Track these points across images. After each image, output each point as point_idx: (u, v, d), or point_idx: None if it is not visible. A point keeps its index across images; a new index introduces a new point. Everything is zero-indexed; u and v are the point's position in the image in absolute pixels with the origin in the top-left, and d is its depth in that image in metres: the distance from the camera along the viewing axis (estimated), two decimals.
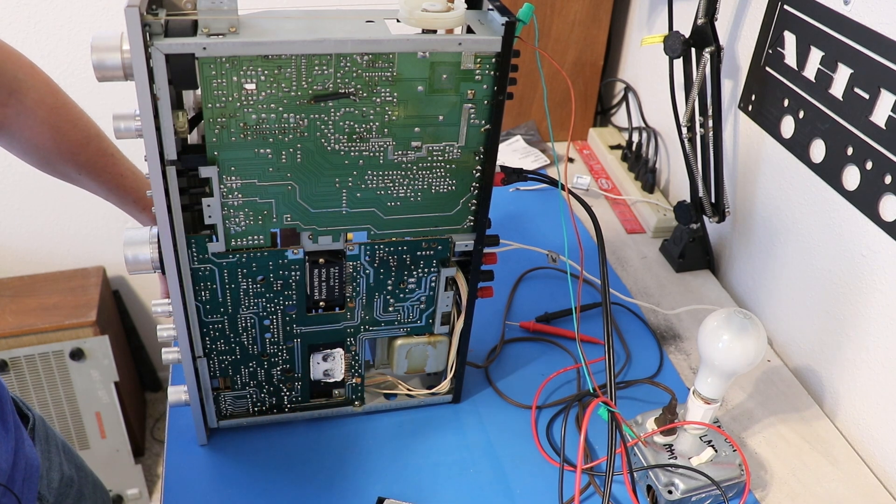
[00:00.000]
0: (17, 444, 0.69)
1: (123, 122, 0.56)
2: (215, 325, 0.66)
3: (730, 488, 0.69)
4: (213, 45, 0.51)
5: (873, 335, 0.78)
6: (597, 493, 0.72)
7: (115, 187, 0.77)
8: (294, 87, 0.55)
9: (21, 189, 1.48)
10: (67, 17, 1.32)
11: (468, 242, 0.67)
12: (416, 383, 0.80)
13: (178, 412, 0.76)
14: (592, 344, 0.90)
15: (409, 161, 0.61)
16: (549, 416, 0.80)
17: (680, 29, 0.90)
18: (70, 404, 1.55)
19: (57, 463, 0.80)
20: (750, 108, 0.95)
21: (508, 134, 1.32)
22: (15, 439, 0.69)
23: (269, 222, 0.61)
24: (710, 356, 0.65)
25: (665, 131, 1.20)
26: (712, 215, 0.98)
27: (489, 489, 0.72)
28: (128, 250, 0.60)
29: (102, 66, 0.51)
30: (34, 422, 0.78)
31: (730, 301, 1.01)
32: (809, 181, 0.86)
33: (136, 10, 0.48)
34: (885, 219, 0.75)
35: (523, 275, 1.01)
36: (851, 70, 0.77)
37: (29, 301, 1.51)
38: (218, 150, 0.56)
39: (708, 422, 0.70)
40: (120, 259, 1.55)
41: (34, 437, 0.77)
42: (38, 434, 0.78)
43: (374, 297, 0.69)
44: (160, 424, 1.79)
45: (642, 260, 1.08)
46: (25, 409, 0.78)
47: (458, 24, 0.58)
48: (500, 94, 0.59)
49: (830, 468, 0.77)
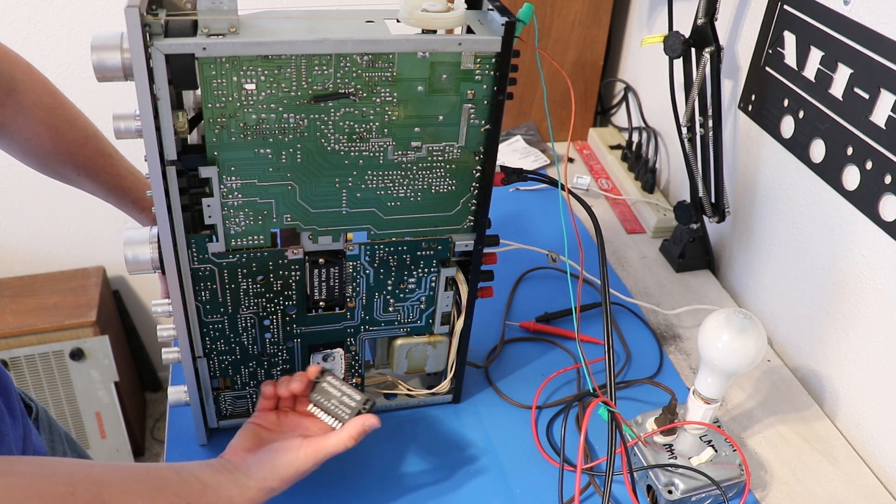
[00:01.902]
0: (25, 432, 0.70)
1: (123, 122, 0.56)
2: (215, 325, 0.66)
3: (730, 488, 0.69)
4: (213, 46, 0.51)
5: (873, 335, 0.78)
6: (597, 493, 0.72)
7: (113, 188, 0.77)
8: (294, 88, 0.55)
9: (21, 189, 1.48)
10: (67, 17, 1.32)
11: (468, 242, 0.67)
12: (416, 383, 0.80)
13: (178, 412, 0.76)
14: (592, 344, 0.90)
15: (409, 161, 0.61)
16: (549, 416, 0.80)
17: (680, 29, 0.90)
18: (70, 404, 1.55)
19: (61, 452, 0.80)
20: (750, 108, 0.95)
21: (508, 134, 1.32)
22: (23, 427, 0.69)
23: (269, 222, 0.61)
24: (710, 356, 0.65)
25: (665, 131, 1.20)
26: (712, 215, 0.98)
27: (489, 489, 0.72)
28: (128, 250, 0.60)
29: (102, 66, 0.51)
30: (38, 412, 0.79)
31: (730, 301, 1.01)
32: (809, 181, 0.86)
33: (136, 10, 0.48)
34: (885, 219, 0.75)
35: (523, 275, 1.01)
36: (851, 70, 0.77)
37: (29, 301, 1.51)
38: (218, 150, 0.56)
39: (708, 422, 0.70)
40: (120, 259, 1.55)
41: (38, 428, 0.78)
42: (42, 424, 0.79)
43: (374, 297, 0.69)
44: (160, 424, 1.79)
45: (642, 260, 1.08)
46: (29, 401, 0.78)
47: (458, 24, 0.58)
48: (500, 94, 0.59)
49: (830, 468, 0.77)
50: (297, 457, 0.58)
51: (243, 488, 0.57)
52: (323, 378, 0.62)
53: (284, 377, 0.63)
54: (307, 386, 0.62)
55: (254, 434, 0.62)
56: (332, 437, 0.60)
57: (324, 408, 0.62)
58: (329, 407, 0.62)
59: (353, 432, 0.59)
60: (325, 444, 0.59)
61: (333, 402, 0.62)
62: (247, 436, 0.62)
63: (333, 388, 0.62)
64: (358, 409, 0.62)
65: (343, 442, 0.59)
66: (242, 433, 0.62)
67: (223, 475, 0.57)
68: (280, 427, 0.64)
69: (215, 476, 0.56)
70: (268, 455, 0.58)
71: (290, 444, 0.59)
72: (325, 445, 0.59)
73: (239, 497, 0.56)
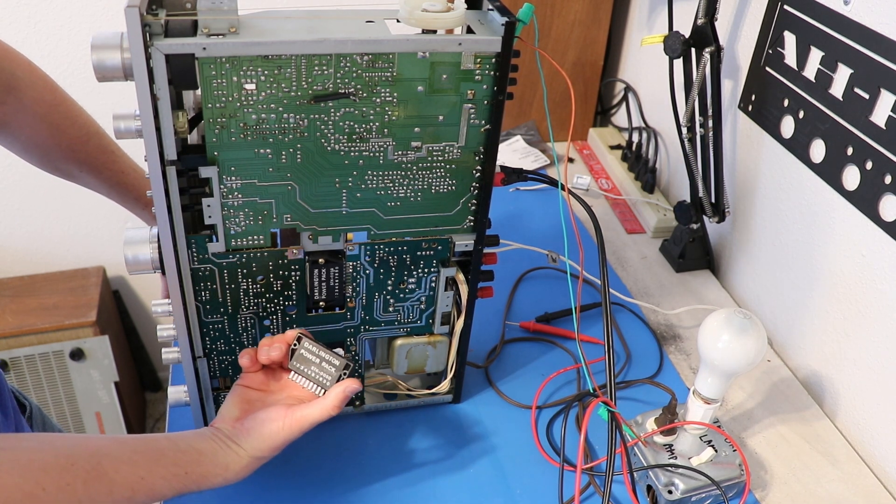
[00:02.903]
0: (17, 429, 0.70)
1: (123, 122, 0.56)
2: (215, 325, 0.66)
3: (730, 488, 0.69)
4: (213, 46, 0.51)
5: (873, 335, 0.78)
6: (597, 493, 0.72)
7: (116, 184, 0.77)
8: (294, 88, 0.55)
9: (21, 189, 1.48)
10: (67, 17, 1.32)
11: (468, 242, 0.67)
12: (416, 383, 0.80)
13: (178, 412, 0.76)
14: (592, 344, 0.90)
15: (409, 161, 0.61)
16: (549, 416, 0.80)
17: (680, 29, 0.90)
18: (70, 404, 1.55)
19: None
20: (750, 108, 0.95)
21: (508, 134, 1.32)
22: (15, 425, 0.69)
23: (269, 222, 0.61)
24: (710, 356, 0.65)
25: (665, 131, 1.20)
26: (712, 215, 0.98)
27: (489, 489, 0.72)
28: (128, 250, 0.60)
29: (102, 66, 0.51)
30: (31, 410, 0.79)
31: (730, 301, 1.01)
32: (809, 181, 0.86)
33: (136, 10, 0.48)
34: (885, 219, 0.75)
35: (523, 275, 1.01)
36: (851, 70, 0.77)
37: (29, 301, 1.51)
38: (218, 150, 0.56)
39: (708, 422, 0.70)
40: (120, 259, 1.55)
41: (32, 425, 0.78)
42: (36, 421, 0.80)
43: (374, 297, 0.69)
44: (160, 424, 1.79)
45: (642, 260, 1.08)
46: (22, 399, 0.78)
47: (458, 24, 0.58)
48: (500, 94, 0.59)
49: (830, 468, 0.77)
50: (282, 427, 0.59)
51: (237, 457, 0.58)
52: (300, 345, 0.62)
53: (264, 341, 0.62)
54: (286, 353, 0.62)
55: (242, 398, 0.62)
56: (315, 406, 0.60)
57: (305, 375, 0.62)
58: (310, 374, 0.62)
59: (336, 401, 0.60)
60: (309, 414, 0.59)
61: (313, 368, 0.62)
62: (236, 401, 0.61)
63: (311, 355, 0.62)
64: (339, 375, 0.62)
65: (327, 411, 0.59)
66: (231, 399, 0.62)
67: (217, 444, 0.57)
68: (268, 386, 0.63)
69: (210, 445, 0.57)
70: (254, 425, 0.59)
71: (276, 414, 0.59)
72: (308, 415, 0.59)
73: (234, 465, 0.57)
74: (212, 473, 0.56)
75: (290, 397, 0.62)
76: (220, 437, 0.58)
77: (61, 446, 0.49)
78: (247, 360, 0.62)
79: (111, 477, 0.50)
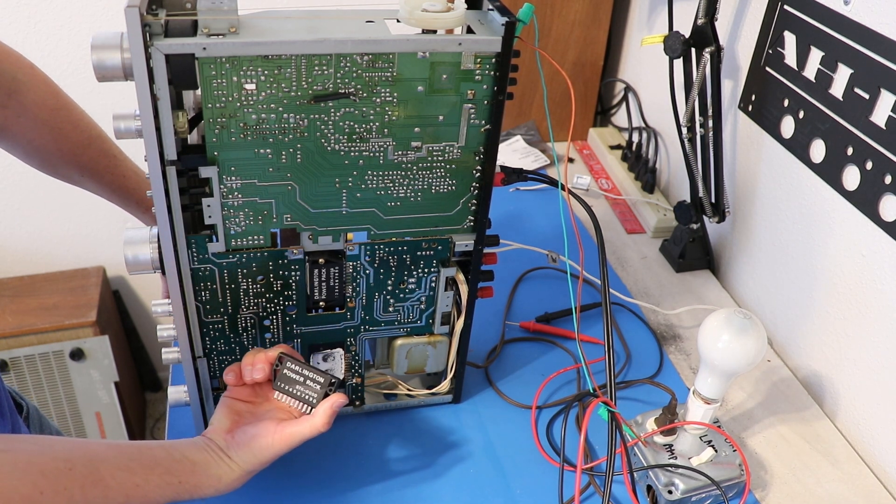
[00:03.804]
0: (14, 429, 0.70)
1: (123, 122, 0.56)
2: (215, 325, 0.66)
3: (730, 488, 0.69)
4: (213, 46, 0.51)
5: (873, 335, 0.78)
6: (597, 493, 0.72)
7: (117, 188, 0.77)
8: (294, 88, 0.55)
9: (21, 189, 1.48)
10: (67, 17, 1.32)
11: (468, 242, 0.67)
12: (416, 383, 0.80)
13: (178, 412, 0.76)
14: (592, 344, 0.90)
15: (409, 161, 0.61)
16: (549, 416, 0.80)
17: (680, 29, 0.90)
18: (70, 404, 1.55)
19: None
20: (750, 108, 0.95)
21: (508, 134, 1.32)
22: (11, 425, 0.69)
23: (269, 222, 0.61)
24: (710, 356, 0.65)
25: (665, 131, 1.20)
26: (712, 215, 0.98)
27: (489, 489, 0.72)
28: (128, 250, 0.60)
29: (102, 66, 0.51)
30: (28, 410, 0.79)
31: (730, 301, 1.01)
32: (809, 181, 0.86)
33: (136, 10, 0.48)
34: (885, 219, 0.75)
35: (523, 275, 1.01)
36: (851, 70, 0.77)
37: (29, 301, 1.51)
38: (218, 150, 0.56)
39: (708, 422, 0.70)
40: (120, 259, 1.55)
41: (29, 425, 0.78)
42: (33, 422, 0.80)
43: (374, 297, 0.69)
44: (160, 424, 1.79)
45: (642, 260, 1.08)
46: (19, 399, 0.78)
47: (458, 24, 0.58)
48: (500, 94, 0.59)
49: (830, 468, 0.77)
50: (272, 442, 0.59)
51: (229, 469, 0.58)
52: (282, 366, 0.62)
53: (246, 359, 0.63)
54: (269, 373, 0.62)
55: (231, 410, 0.62)
56: (304, 423, 0.60)
57: (290, 394, 0.62)
58: (295, 393, 0.62)
59: (325, 418, 0.60)
60: (298, 431, 0.60)
61: (298, 387, 0.62)
62: (225, 413, 0.62)
63: (295, 374, 0.62)
64: (324, 392, 0.62)
65: (317, 428, 0.60)
66: (220, 410, 0.62)
67: (210, 455, 0.58)
68: (256, 398, 0.64)
69: (203, 456, 0.58)
70: (245, 439, 0.59)
71: (266, 429, 0.60)
72: (298, 432, 0.60)
73: (226, 477, 0.58)
74: (205, 484, 0.57)
75: (280, 409, 0.63)
76: (214, 449, 0.59)
77: (60, 450, 0.50)
78: (232, 378, 0.63)
79: (107, 483, 0.50)
